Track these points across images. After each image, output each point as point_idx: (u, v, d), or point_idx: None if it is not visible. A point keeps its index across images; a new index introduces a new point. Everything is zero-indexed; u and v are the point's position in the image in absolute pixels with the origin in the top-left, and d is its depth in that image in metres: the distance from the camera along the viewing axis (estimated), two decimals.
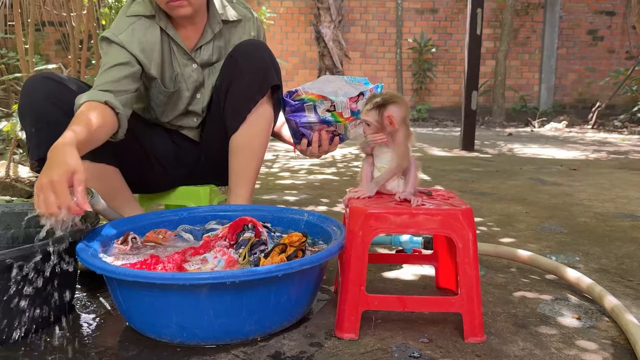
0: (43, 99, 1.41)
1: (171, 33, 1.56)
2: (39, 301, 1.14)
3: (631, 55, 8.75)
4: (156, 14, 1.54)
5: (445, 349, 1.11)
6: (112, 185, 1.54)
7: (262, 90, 1.52)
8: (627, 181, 3.24)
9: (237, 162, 1.59)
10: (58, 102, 1.41)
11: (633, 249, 1.82)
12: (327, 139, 1.60)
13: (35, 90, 1.42)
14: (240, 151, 1.57)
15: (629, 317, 1.17)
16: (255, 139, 1.57)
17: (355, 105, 1.53)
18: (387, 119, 1.23)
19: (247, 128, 1.55)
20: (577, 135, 6.54)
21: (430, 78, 9.12)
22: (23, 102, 1.43)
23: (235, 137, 1.56)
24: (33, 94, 1.42)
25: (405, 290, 1.45)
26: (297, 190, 2.90)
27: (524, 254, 1.56)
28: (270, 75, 1.52)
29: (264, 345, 1.11)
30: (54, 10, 3.54)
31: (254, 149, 1.58)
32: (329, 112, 1.54)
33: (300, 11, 9.07)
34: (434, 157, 4.38)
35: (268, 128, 1.59)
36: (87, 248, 1.18)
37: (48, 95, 1.41)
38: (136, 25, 1.51)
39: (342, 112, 1.54)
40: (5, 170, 2.98)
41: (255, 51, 1.54)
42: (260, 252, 1.24)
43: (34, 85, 1.43)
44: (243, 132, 1.56)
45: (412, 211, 1.15)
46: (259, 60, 1.52)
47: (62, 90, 1.43)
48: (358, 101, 1.53)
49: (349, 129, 1.59)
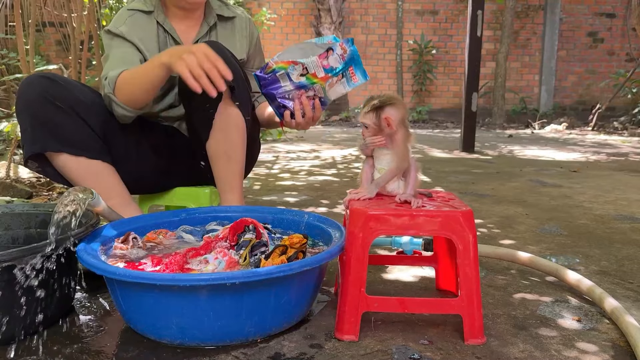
0: (38, 96, 1.43)
1: (167, 27, 1.65)
2: (38, 302, 1.14)
3: (631, 57, 8.77)
4: (155, 9, 1.64)
5: (445, 350, 1.11)
6: (109, 184, 1.54)
7: (219, 94, 1.46)
8: (627, 183, 3.24)
9: (218, 170, 1.59)
10: (53, 99, 1.43)
11: (633, 251, 1.82)
12: (309, 104, 1.53)
13: (31, 88, 1.44)
14: (218, 158, 1.57)
15: (629, 320, 1.17)
16: (229, 143, 1.55)
17: (327, 62, 1.46)
18: (384, 121, 1.23)
19: (218, 135, 1.54)
20: (577, 137, 6.54)
21: (431, 79, 9.13)
22: (19, 100, 1.45)
23: (209, 145, 1.56)
24: (28, 91, 1.44)
25: (405, 292, 1.45)
26: (297, 191, 2.90)
27: (524, 256, 1.56)
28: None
29: (264, 347, 1.11)
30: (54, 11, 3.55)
31: (231, 154, 1.57)
32: (303, 77, 1.48)
33: (301, 12, 9.09)
34: (434, 159, 4.38)
35: (239, 130, 1.56)
36: (87, 249, 1.18)
37: (43, 93, 1.43)
38: (134, 18, 1.63)
39: (315, 73, 1.47)
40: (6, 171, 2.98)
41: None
42: (261, 253, 1.24)
43: (30, 84, 1.45)
44: (215, 140, 1.55)
45: (413, 213, 1.15)
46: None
47: (56, 88, 1.45)
48: (328, 57, 1.47)
49: (327, 90, 1.52)
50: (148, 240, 1.37)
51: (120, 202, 1.55)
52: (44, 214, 1.44)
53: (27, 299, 1.11)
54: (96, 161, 1.51)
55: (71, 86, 1.50)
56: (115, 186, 1.55)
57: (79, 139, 1.48)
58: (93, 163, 1.50)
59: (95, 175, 1.51)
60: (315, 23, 8.46)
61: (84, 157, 1.48)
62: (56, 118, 1.44)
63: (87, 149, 1.49)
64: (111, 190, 1.54)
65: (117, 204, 1.53)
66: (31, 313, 1.13)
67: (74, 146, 1.47)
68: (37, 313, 1.14)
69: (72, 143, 1.46)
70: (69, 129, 1.46)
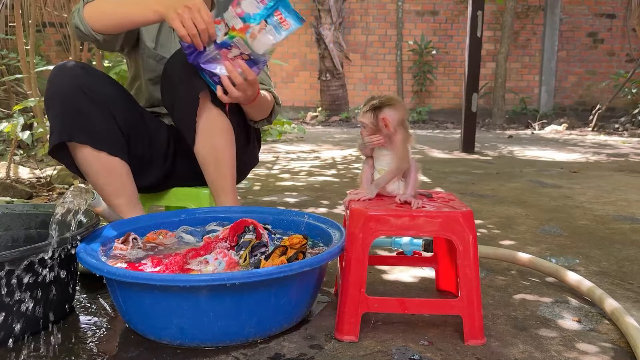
0: (71, 85, 1.43)
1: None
2: (38, 302, 1.14)
3: (631, 58, 8.76)
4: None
5: (445, 351, 1.11)
6: (122, 182, 1.54)
7: (195, 99, 1.48)
8: (627, 184, 3.24)
9: (208, 174, 1.59)
10: (86, 90, 1.44)
11: (633, 252, 1.82)
12: (234, 68, 1.38)
13: (65, 76, 1.44)
14: (207, 163, 1.57)
15: (629, 320, 1.17)
16: (216, 147, 1.54)
17: (241, 10, 1.32)
18: (381, 122, 1.23)
19: (203, 139, 1.53)
20: (577, 138, 6.54)
21: (431, 80, 9.13)
22: (51, 85, 1.45)
23: (197, 150, 1.56)
24: (62, 79, 1.44)
25: (405, 293, 1.45)
26: (297, 192, 2.90)
27: (524, 257, 1.56)
28: (198, 83, 1.47)
29: (263, 347, 1.11)
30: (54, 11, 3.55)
31: (219, 158, 1.56)
32: (226, 35, 1.34)
33: (301, 13, 9.04)
34: (434, 159, 4.38)
35: (225, 133, 1.55)
36: (87, 249, 1.18)
37: (77, 82, 1.43)
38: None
39: (234, 26, 1.33)
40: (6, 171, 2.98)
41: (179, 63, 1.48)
42: (261, 254, 1.24)
43: (64, 71, 1.45)
44: (201, 144, 1.54)
45: (413, 213, 1.15)
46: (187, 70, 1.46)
47: (90, 79, 1.46)
48: (240, 3, 1.33)
49: (250, 42, 1.34)
50: (148, 241, 1.37)
51: (127, 201, 1.55)
52: (44, 215, 1.44)
53: (27, 299, 1.11)
54: (116, 158, 1.51)
55: (102, 78, 1.51)
56: (127, 186, 1.56)
57: (105, 133, 1.48)
58: (112, 159, 1.50)
59: (112, 171, 1.51)
60: (315, 23, 8.46)
61: (105, 153, 1.48)
62: (87, 109, 1.44)
63: (110, 144, 1.49)
64: (122, 189, 1.54)
65: (124, 203, 1.54)
66: (31, 313, 1.13)
67: (99, 140, 1.47)
68: (37, 313, 1.14)
69: (98, 137, 1.47)
70: (97, 122, 1.46)
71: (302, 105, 9.17)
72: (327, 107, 8.63)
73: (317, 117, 8.50)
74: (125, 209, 1.54)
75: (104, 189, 1.51)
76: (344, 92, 8.70)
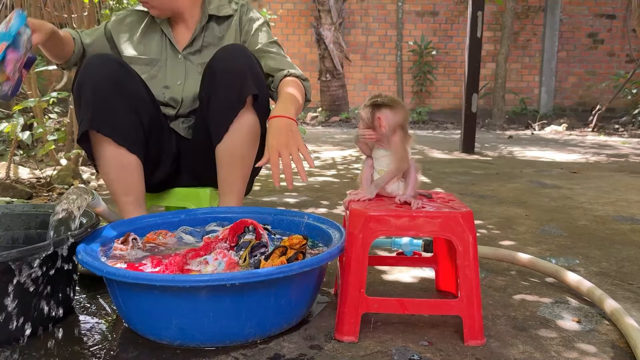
0: (107, 78, 1.46)
1: (163, 26, 1.69)
2: (38, 303, 1.14)
3: (631, 59, 8.77)
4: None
5: (445, 352, 1.11)
6: (134, 180, 1.55)
7: (241, 100, 1.50)
8: (627, 184, 3.24)
9: (223, 172, 1.59)
10: (118, 85, 1.47)
11: (633, 252, 1.82)
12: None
13: (100, 67, 1.47)
14: (225, 161, 1.57)
15: (629, 321, 1.17)
16: (239, 148, 1.56)
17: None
18: (377, 120, 1.24)
19: (230, 138, 1.54)
20: (577, 138, 6.54)
21: (431, 80, 9.13)
22: (85, 74, 1.46)
23: (220, 148, 1.56)
24: (97, 69, 1.46)
25: (405, 293, 1.45)
26: (297, 192, 2.90)
27: (524, 257, 1.56)
28: (247, 84, 1.49)
29: (263, 348, 1.11)
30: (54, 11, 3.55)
31: (239, 159, 1.57)
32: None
33: (301, 13, 9.09)
34: (434, 160, 4.38)
35: (252, 136, 1.57)
36: (87, 249, 1.18)
37: (113, 76, 1.47)
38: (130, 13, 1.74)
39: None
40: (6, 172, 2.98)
41: (232, 59, 1.50)
42: (261, 254, 1.24)
43: (100, 62, 1.48)
44: (226, 143, 1.55)
45: (413, 214, 1.15)
46: (236, 70, 1.49)
47: (124, 75, 1.51)
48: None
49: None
50: (148, 241, 1.37)
51: (134, 200, 1.56)
52: (43, 215, 1.44)
53: (26, 300, 1.11)
54: (133, 156, 1.52)
55: (134, 77, 1.55)
56: (138, 184, 1.57)
57: (129, 130, 1.50)
58: (130, 157, 1.52)
59: (126, 168, 1.52)
60: (315, 24, 8.46)
61: (125, 149, 1.50)
62: (115, 104, 1.47)
63: (132, 142, 1.51)
64: (132, 187, 1.55)
65: (131, 201, 1.55)
66: (31, 313, 1.13)
67: (122, 136, 1.49)
68: (37, 314, 1.14)
69: (122, 133, 1.49)
70: (123, 118, 1.48)
71: None
72: (327, 108, 8.62)
73: (317, 118, 8.50)
74: (131, 207, 1.55)
75: (115, 184, 1.53)
76: (344, 92, 8.70)
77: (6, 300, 1.08)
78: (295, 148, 1.32)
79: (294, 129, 1.37)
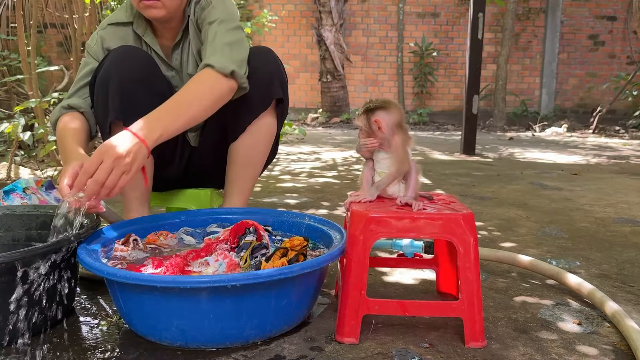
0: (135, 70, 1.44)
1: (148, 40, 1.57)
2: (39, 304, 1.14)
3: (632, 60, 8.75)
4: (135, 20, 1.56)
5: (445, 353, 1.11)
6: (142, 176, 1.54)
7: (264, 103, 1.51)
8: (628, 186, 3.24)
9: (234, 172, 1.59)
10: (145, 80, 1.45)
11: (634, 255, 1.82)
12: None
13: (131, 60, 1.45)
14: (237, 161, 1.57)
15: (629, 323, 1.17)
16: (253, 149, 1.56)
17: None
18: (374, 124, 1.24)
19: (246, 139, 1.54)
20: (578, 140, 6.54)
21: (432, 82, 9.12)
22: (114, 64, 1.44)
23: (234, 147, 1.56)
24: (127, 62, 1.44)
25: (405, 295, 1.45)
26: (297, 193, 2.90)
27: (525, 259, 1.56)
28: (274, 88, 1.50)
29: (264, 349, 1.11)
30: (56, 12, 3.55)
31: (251, 160, 1.57)
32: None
33: (302, 14, 9.09)
34: (435, 161, 4.38)
35: (268, 139, 1.58)
36: (88, 250, 1.18)
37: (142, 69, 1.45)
38: (105, 34, 1.56)
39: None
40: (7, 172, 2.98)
41: (261, 61, 1.50)
42: (262, 255, 1.24)
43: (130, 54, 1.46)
44: (242, 143, 1.55)
45: (413, 215, 1.15)
46: (264, 72, 1.49)
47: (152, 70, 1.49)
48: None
49: None
50: (149, 243, 1.37)
51: (139, 196, 1.55)
52: (44, 216, 1.44)
53: (28, 300, 1.11)
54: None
55: (160, 74, 1.53)
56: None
57: None
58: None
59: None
60: (316, 25, 8.46)
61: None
62: (142, 99, 1.43)
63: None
64: (140, 183, 1.52)
65: (136, 197, 1.55)
66: (32, 314, 1.13)
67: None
68: (38, 314, 1.14)
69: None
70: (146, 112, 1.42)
71: (302, 106, 9.18)
72: (328, 109, 8.62)
73: (317, 119, 8.50)
74: (135, 203, 1.54)
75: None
76: (344, 93, 8.70)
77: (7, 301, 1.08)
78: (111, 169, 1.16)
79: (138, 150, 1.21)
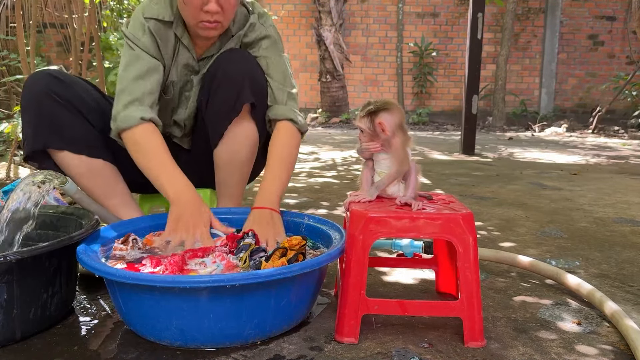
0: (41, 92, 1.44)
1: (186, 42, 1.56)
2: (38, 303, 1.14)
3: (631, 60, 8.77)
4: (174, 20, 1.53)
5: (445, 353, 1.11)
6: (110, 183, 1.53)
7: (236, 108, 1.48)
8: (627, 186, 3.24)
9: (221, 177, 1.60)
10: (56, 96, 1.44)
11: (633, 254, 1.82)
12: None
13: (35, 84, 1.46)
14: (223, 167, 1.58)
15: (629, 323, 1.17)
16: (236, 155, 1.55)
17: None
18: (378, 126, 1.23)
19: (227, 145, 1.54)
20: (577, 140, 6.54)
21: (431, 82, 9.13)
22: (24, 96, 1.47)
23: (217, 153, 1.56)
24: (33, 87, 1.46)
25: (405, 295, 1.45)
26: (297, 193, 2.90)
27: (524, 259, 1.56)
28: (244, 93, 1.47)
29: (263, 349, 1.11)
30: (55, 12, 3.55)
31: (236, 165, 1.57)
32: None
33: (302, 14, 9.09)
34: (434, 161, 4.38)
35: (250, 144, 1.56)
36: (87, 250, 1.18)
37: (46, 89, 1.44)
38: (153, 26, 1.50)
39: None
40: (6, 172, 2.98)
41: (232, 65, 1.48)
42: (260, 258, 1.24)
43: (34, 80, 1.47)
44: (223, 149, 1.54)
45: (413, 215, 1.15)
46: (234, 77, 1.47)
47: (60, 85, 1.46)
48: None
49: None
50: (148, 244, 1.37)
51: (120, 201, 1.55)
52: (44, 215, 1.44)
53: (27, 300, 1.11)
54: (97, 159, 1.51)
55: (75, 84, 1.51)
56: (116, 185, 1.55)
57: (80, 136, 1.48)
58: (94, 161, 1.50)
59: (96, 173, 1.51)
60: (315, 25, 8.47)
61: (84, 155, 1.48)
62: (59, 115, 1.45)
63: (88, 147, 1.49)
64: (112, 190, 1.54)
65: (117, 203, 1.53)
66: (31, 314, 1.13)
67: (75, 144, 1.47)
68: (37, 314, 1.14)
69: (74, 141, 1.47)
70: (70, 126, 1.46)
71: (302, 106, 9.18)
72: (328, 109, 8.63)
73: (317, 119, 8.50)
74: (120, 209, 1.54)
75: (93, 191, 1.51)
76: (344, 93, 8.70)
77: (6, 300, 1.08)
78: (273, 241, 1.33)
79: (275, 220, 1.38)
